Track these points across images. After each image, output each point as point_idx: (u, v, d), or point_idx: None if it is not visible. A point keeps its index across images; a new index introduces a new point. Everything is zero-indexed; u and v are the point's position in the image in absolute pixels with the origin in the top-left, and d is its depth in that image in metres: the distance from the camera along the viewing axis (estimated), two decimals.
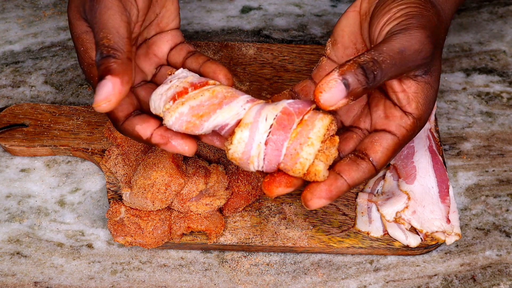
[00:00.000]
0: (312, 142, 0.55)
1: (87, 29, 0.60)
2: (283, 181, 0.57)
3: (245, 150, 0.55)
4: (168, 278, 0.71)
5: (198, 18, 0.94)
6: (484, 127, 0.84)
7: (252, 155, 0.56)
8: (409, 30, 0.57)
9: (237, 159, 0.56)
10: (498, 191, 0.79)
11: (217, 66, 0.63)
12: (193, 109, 0.56)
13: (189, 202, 0.70)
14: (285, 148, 0.55)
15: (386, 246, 0.72)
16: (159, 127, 0.59)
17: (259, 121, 0.55)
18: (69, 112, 0.80)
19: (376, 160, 0.58)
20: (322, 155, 0.56)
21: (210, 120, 0.56)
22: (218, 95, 0.57)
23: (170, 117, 0.57)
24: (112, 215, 0.70)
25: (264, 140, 0.55)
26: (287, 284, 0.71)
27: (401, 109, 0.59)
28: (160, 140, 0.59)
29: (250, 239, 0.72)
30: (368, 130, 0.62)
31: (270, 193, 0.57)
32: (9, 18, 0.93)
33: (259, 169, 0.57)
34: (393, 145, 0.59)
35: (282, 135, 0.55)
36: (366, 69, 0.54)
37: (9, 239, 0.73)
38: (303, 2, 0.98)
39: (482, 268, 0.73)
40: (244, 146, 0.55)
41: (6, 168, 0.78)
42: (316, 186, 0.57)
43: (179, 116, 0.56)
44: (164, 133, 0.59)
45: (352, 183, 0.58)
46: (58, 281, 0.71)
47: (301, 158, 0.55)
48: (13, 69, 0.88)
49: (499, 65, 0.91)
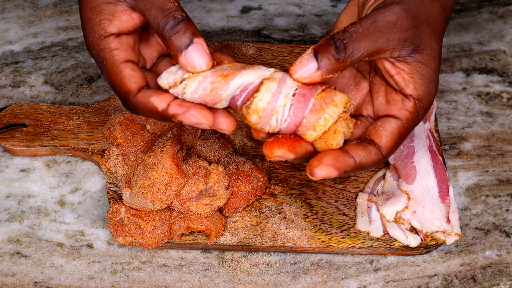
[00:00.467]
0: (336, 104, 0.55)
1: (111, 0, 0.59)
2: (287, 144, 0.56)
3: (272, 99, 0.55)
4: (168, 278, 0.71)
5: (198, 18, 0.94)
6: (484, 127, 0.84)
7: (279, 104, 0.55)
8: (386, 5, 0.57)
9: (261, 110, 0.55)
10: (498, 191, 0.79)
11: (226, 56, 0.63)
12: (216, 72, 0.56)
13: (189, 202, 0.70)
14: (311, 103, 0.55)
15: (386, 246, 0.72)
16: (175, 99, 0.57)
17: (287, 78, 0.56)
18: (69, 112, 0.80)
19: (382, 145, 0.58)
20: (344, 121, 0.56)
21: (236, 78, 0.55)
22: (238, 65, 0.57)
23: (193, 81, 0.55)
24: (112, 215, 0.70)
25: (292, 93, 0.55)
26: (287, 284, 0.71)
27: (401, 93, 0.59)
28: (179, 110, 0.56)
29: (250, 239, 0.72)
30: (372, 117, 0.62)
31: (270, 153, 0.56)
32: (9, 18, 0.93)
33: (280, 124, 0.56)
34: (398, 128, 0.59)
35: (309, 92, 0.56)
36: (336, 40, 0.54)
37: (9, 239, 0.73)
38: (303, 2, 0.98)
39: (482, 268, 0.73)
40: (272, 95, 0.55)
41: (6, 168, 0.78)
42: (324, 155, 0.56)
43: (203, 79, 0.55)
44: (182, 103, 0.57)
45: (359, 162, 0.57)
46: (58, 281, 0.71)
47: (326, 114, 0.55)
48: (13, 69, 0.88)
49: (499, 65, 0.91)
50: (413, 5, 0.58)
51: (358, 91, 0.63)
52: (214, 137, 0.76)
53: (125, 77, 0.58)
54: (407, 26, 0.57)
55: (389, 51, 0.57)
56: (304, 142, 0.57)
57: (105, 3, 0.59)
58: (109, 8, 0.59)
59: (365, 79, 0.64)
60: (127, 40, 0.60)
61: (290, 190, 0.76)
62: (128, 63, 0.59)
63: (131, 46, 0.60)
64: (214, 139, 0.76)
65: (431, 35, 0.59)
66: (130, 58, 0.60)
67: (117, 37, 0.59)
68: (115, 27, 0.59)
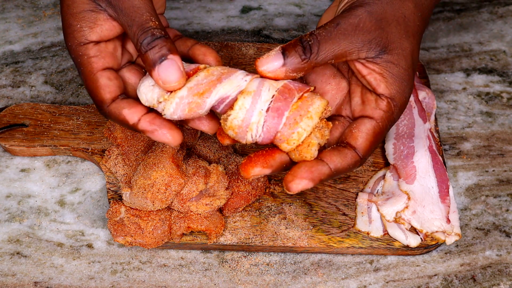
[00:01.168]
0: (311, 115, 0.56)
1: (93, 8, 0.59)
2: (260, 162, 0.57)
3: (246, 117, 0.56)
4: (168, 278, 0.71)
5: (198, 18, 0.94)
6: (484, 127, 0.84)
7: (252, 121, 0.56)
8: (350, 9, 0.58)
9: (236, 127, 0.56)
10: (498, 191, 0.79)
11: (207, 49, 0.63)
12: (192, 90, 0.56)
13: (189, 202, 0.70)
14: (285, 117, 0.56)
15: (386, 246, 0.72)
16: (147, 114, 0.59)
17: (262, 90, 0.56)
18: (69, 112, 0.80)
19: (358, 147, 0.59)
20: (318, 132, 0.57)
21: (212, 95, 0.56)
22: (214, 73, 0.57)
23: (171, 104, 0.56)
24: (112, 215, 0.70)
25: (266, 108, 0.56)
26: (287, 284, 0.71)
27: (374, 93, 0.59)
28: (148, 128, 0.58)
29: (250, 239, 0.72)
30: (350, 117, 0.62)
31: (246, 174, 0.58)
32: (9, 18, 0.93)
33: (256, 138, 0.57)
34: (373, 129, 0.59)
35: (283, 105, 0.56)
36: (303, 41, 0.56)
37: (9, 239, 0.73)
38: (303, 2, 0.98)
39: (482, 268, 0.73)
40: (245, 112, 0.56)
41: (6, 168, 0.78)
42: (297, 168, 0.57)
43: (179, 100, 0.56)
44: (153, 120, 0.58)
45: (335, 168, 0.58)
46: (58, 281, 0.71)
47: (300, 128, 0.56)
48: (13, 69, 0.88)
49: (499, 65, 0.91)
50: (379, 6, 0.58)
51: (339, 91, 0.64)
52: (214, 137, 0.76)
53: (100, 87, 0.59)
54: (371, 28, 0.57)
55: (355, 53, 0.58)
56: (278, 153, 0.58)
57: (87, 10, 0.60)
58: (91, 16, 0.60)
59: (344, 79, 0.64)
60: (107, 47, 0.61)
61: None
62: (105, 72, 0.60)
63: (111, 53, 0.61)
64: (214, 139, 0.76)
65: (402, 34, 0.59)
66: (109, 65, 0.60)
67: (96, 44, 0.60)
68: (96, 34, 0.60)
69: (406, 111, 0.80)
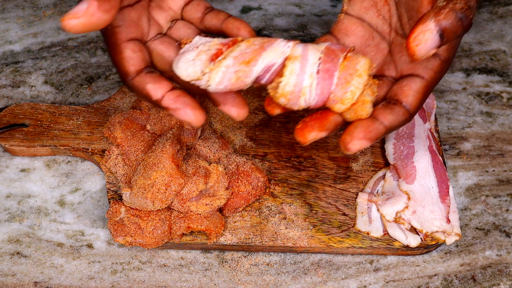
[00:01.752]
0: (360, 73, 0.56)
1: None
2: (316, 125, 0.57)
3: (297, 82, 0.56)
4: (168, 278, 0.71)
5: None
6: (484, 127, 0.84)
7: (304, 85, 0.56)
8: None
9: (288, 94, 0.56)
10: (498, 191, 0.79)
11: (240, 22, 0.62)
12: (237, 59, 0.56)
13: (189, 202, 0.70)
14: (335, 78, 0.56)
15: (386, 246, 0.72)
16: (172, 90, 0.58)
17: (308, 54, 0.56)
18: (69, 112, 0.80)
19: (409, 104, 0.59)
20: (369, 89, 0.57)
21: (258, 63, 0.56)
22: (255, 43, 0.57)
23: (217, 73, 0.55)
24: (112, 215, 0.70)
25: (316, 70, 0.56)
26: (287, 284, 0.71)
27: None
28: (171, 105, 0.57)
29: (250, 239, 0.72)
30: (394, 77, 0.62)
31: (303, 139, 0.57)
32: (9, 18, 0.93)
33: (309, 102, 0.57)
34: (423, 87, 0.59)
35: (332, 65, 0.56)
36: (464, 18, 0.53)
37: (9, 239, 0.73)
38: (303, 2, 0.98)
39: (482, 268, 0.73)
40: (296, 77, 0.56)
41: (6, 168, 0.78)
42: (354, 129, 0.57)
43: (225, 69, 0.55)
44: (177, 98, 0.57)
45: (389, 126, 0.58)
46: (58, 281, 0.71)
47: (352, 86, 0.56)
48: (13, 69, 0.88)
49: (499, 65, 0.91)
50: None
51: (378, 51, 0.63)
52: (214, 137, 0.76)
53: (124, 58, 0.58)
54: None
55: None
56: (332, 115, 0.58)
57: None
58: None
59: (384, 40, 0.64)
60: (130, 14, 0.59)
61: (290, 190, 0.76)
62: (129, 43, 0.58)
63: (135, 22, 0.60)
64: (214, 139, 0.76)
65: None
66: (133, 35, 0.59)
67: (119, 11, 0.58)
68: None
69: None
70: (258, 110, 0.82)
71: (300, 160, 0.78)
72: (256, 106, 0.82)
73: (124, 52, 0.58)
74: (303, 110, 0.59)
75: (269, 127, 0.81)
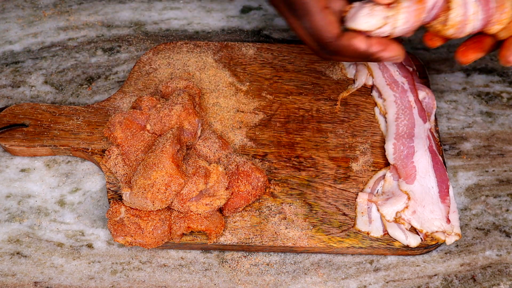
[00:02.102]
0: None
1: None
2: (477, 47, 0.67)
3: (465, 11, 0.65)
4: (168, 278, 0.71)
5: (198, 18, 0.94)
6: (484, 127, 0.84)
7: (470, 13, 0.65)
8: None
9: (457, 23, 0.65)
10: (498, 191, 0.79)
11: None
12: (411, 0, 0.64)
13: (189, 202, 0.70)
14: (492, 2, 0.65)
15: (386, 246, 0.72)
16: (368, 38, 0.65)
17: None
18: (69, 112, 0.80)
19: None
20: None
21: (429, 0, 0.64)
22: None
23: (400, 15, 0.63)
24: (112, 215, 0.70)
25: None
26: (287, 284, 0.71)
27: None
28: (380, 47, 0.65)
29: (250, 239, 0.72)
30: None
31: (466, 59, 0.67)
32: (9, 18, 0.93)
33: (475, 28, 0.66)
34: None
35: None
36: None
37: (9, 239, 0.73)
38: None
39: (482, 268, 0.73)
40: (463, 7, 0.65)
41: (6, 168, 0.78)
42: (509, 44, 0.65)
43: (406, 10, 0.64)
44: (378, 41, 0.65)
45: None
46: (58, 281, 0.71)
47: (506, 8, 0.65)
48: (13, 69, 0.88)
49: (499, 65, 0.91)
50: None
51: None
52: (214, 137, 0.76)
53: (330, 23, 0.65)
54: None
55: None
56: (486, 38, 0.67)
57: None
58: None
59: None
60: None
61: (290, 190, 0.76)
62: (327, 9, 0.65)
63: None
64: (214, 139, 0.76)
65: None
66: (327, 4, 0.66)
67: None
68: None
69: (406, 111, 0.80)
70: (258, 110, 0.82)
71: (300, 160, 0.78)
72: (256, 106, 0.82)
73: (328, 17, 0.65)
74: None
75: (269, 127, 0.81)
